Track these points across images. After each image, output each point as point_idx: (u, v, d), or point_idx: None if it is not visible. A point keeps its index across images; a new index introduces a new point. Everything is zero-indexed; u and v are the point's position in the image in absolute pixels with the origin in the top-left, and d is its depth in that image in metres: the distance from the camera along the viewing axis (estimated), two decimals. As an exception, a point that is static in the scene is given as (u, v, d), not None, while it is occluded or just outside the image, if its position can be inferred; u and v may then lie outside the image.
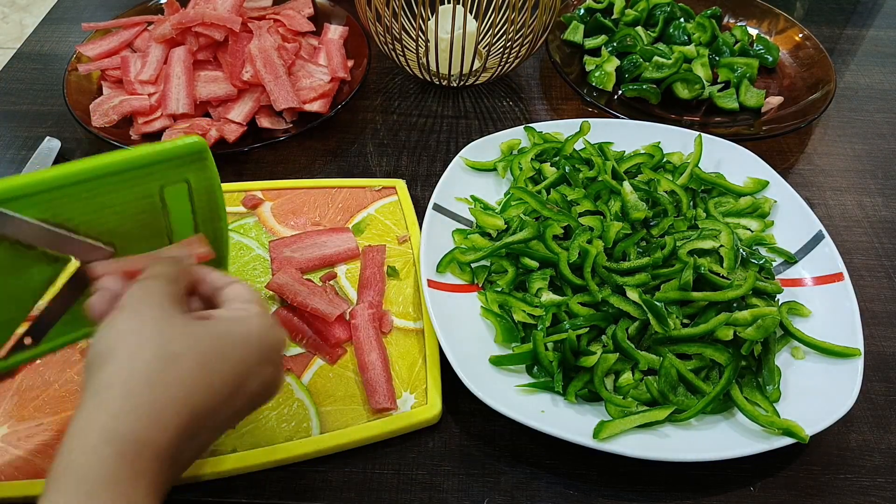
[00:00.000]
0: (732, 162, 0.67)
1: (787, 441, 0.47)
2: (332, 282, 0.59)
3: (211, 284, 0.40)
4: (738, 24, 0.91)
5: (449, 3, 0.72)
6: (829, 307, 0.56)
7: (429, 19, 0.77)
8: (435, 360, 0.53)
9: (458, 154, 0.66)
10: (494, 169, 0.67)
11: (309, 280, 0.58)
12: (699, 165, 0.66)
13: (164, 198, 0.41)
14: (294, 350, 0.54)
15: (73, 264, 0.39)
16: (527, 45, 0.74)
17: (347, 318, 0.55)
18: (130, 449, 0.30)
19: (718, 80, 0.82)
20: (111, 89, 0.75)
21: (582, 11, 0.90)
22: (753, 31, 0.90)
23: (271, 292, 0.57)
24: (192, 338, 0.34)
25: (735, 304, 0.53)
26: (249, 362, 0.36)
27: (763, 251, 0.61)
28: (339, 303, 0.55)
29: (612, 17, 0.90)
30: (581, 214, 0.60)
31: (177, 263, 0.39)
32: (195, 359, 0.33)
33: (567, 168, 0.64)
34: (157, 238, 0.42)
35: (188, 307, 0.38)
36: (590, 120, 0.69)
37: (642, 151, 0.69)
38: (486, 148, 0.68)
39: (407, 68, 0.79)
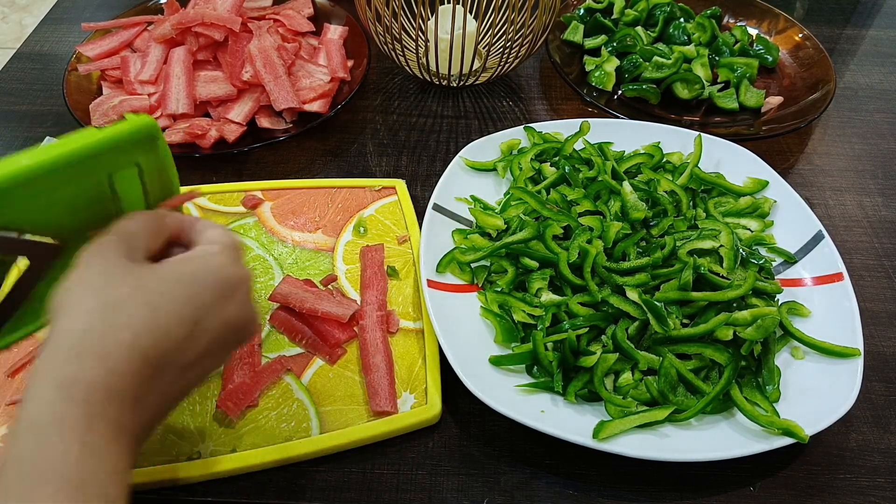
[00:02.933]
0: (732, 162, 0.67)
1: (787, 441, 0.47)
2: (332, 284, 0.59)
3: (192, 231, 0.39)
4: (738, 24, 0.91)
5: (449, 3, 0.72)
6: (828, 307, 0.56)
7: (429, 19, 0.77)
8: (435, 360, 0.53)
9: (458, 154, 0.66)
10: (494, 169, 0.67)
11: (312, 285, 0.58)
12: (699, 165, 0.66)
13: (114, 184, 0.38)
14: (294, 350, 0.54)
15: (23, 262, 0.37)
16: (527, 45, 0.74)
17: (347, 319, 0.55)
18: (78, 391, 0.30)
19: (718, 80, 0.82)
20: (111, 89, 0.76)
21: (582, 11, 0.90)
22: (753, 31, 0.90)
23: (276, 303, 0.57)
24: (138, 281, 0.34)
25: (735, 304, 0.53)
26: (203, 299, 0.35)
27: (763, 251, 0.61)
28: (348, 303, 0.55)
29: (612, 17, 0.90)
30: (581, 214, 0.60)
31: (142, 219, 0.38)
32: (140, 301, 0.33)
33: (567, 168, 0.64)
34: (106, 225, 0.38)
35: (163, 256, 0.37)
36: (590, 120, 0.69)
37: (642, 151, 0.69)
38: (486, 148, 0.68)
39: (407, 68, 0.79)
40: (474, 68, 0.78)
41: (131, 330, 0.32)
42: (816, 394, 0.50)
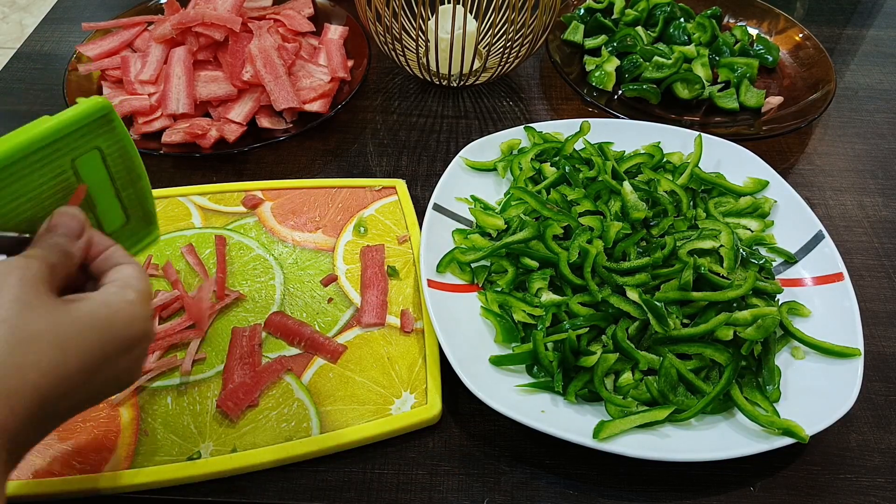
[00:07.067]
0: (732, 162, 0.67)
1: (787, 441, 0.47)
2: (333, 285, 0.59)
3: (106, 259, 0.38)
4: (738, 24, 0.91)
5: (449, 2, 0.72)
6: (829, 307, 0.56)
7: (429, 19, 0.77)
8: (435, 360, 0.53)
9: (458, 154, 0.66)
10: (494, 169, 0.67)
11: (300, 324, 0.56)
12: (699, 165, 0.66)
13: (78, 171, 0.38)
14: (294, 350, 0.54)
15: None
16: (527, 45, 0.74)
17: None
18: None
19: (718, 80, 0.82)
20: (111, 89, 0.76)
21: (582, 11, 0.90)
22: (753, 31, 0.90)
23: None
24: (51, 320, 0.32)
25: (735, 304, 0.53)
26: (107, 350, 0.34)
27: (763, 251, 0.61)
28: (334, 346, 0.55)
29: (612, 17, 0.90)
30: (581, 214, 0.60)
31: (58, 247, 0.36)
32: (51, 342, 0.32)
33: (567, 168, 0.64)
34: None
35: (71, 284, 0.37)
36: (590, 120, 0.69)
37: (642, 151, 0.69)
38: (486, 148, 0.68)
39: (407, 68, 0.79)
40: (474, 68, 0.78)
41: (38, 370, 0.31)
42: (816, 394, 0.50)
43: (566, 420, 0.49)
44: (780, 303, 0.56)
